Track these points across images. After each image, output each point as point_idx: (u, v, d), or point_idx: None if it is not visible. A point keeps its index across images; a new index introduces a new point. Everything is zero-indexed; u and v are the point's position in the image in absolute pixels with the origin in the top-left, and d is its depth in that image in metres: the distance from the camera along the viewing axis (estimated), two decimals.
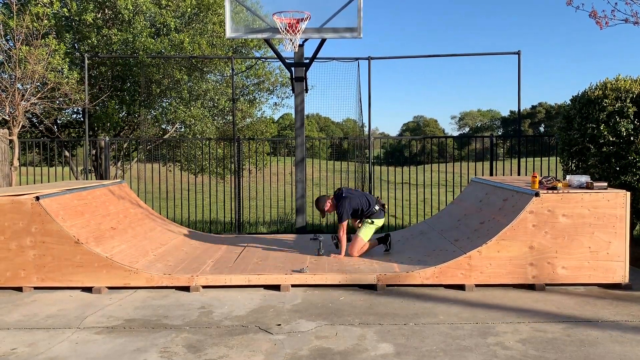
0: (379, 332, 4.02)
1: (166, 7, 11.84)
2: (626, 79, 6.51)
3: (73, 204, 5.66)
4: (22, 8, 10.07)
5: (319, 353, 3.64)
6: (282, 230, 9.25)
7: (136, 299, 4.93)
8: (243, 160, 9.52)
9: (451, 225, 6.47)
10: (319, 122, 68.94)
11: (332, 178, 10.95)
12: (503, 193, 5.81)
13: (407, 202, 11.33)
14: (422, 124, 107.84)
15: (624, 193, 5.06)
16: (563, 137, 6.96)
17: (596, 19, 6.13)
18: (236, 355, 3.63)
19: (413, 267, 5.34)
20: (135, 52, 10.91)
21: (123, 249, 5.68)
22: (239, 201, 8.74)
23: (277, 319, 4.36)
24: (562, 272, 5.07)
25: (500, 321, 4.25)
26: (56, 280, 5.16)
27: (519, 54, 8.41)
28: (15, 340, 3.95)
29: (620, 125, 6.15)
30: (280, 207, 12.79)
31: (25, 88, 8.42)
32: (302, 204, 7.96)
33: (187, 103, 12.53)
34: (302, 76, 7.79)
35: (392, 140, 13.26)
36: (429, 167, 10.90)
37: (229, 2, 7.15)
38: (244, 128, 15.23)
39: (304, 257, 5.99)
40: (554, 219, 5.05)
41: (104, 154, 9.16)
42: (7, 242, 5.15)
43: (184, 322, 4.30)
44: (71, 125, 14.16)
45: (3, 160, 7.55)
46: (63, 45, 10.08)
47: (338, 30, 7.17)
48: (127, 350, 3.72)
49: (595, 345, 3.74)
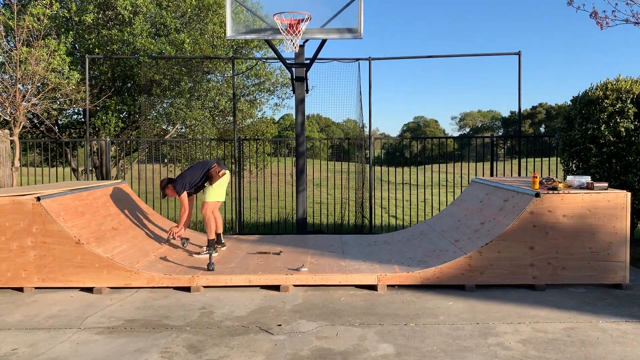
0: (379, 333, 4.03)
1: (166, 8, 11.85)
2: (627, 79, 6.51)
3: (74, 205, 5.67)
4: (22, 9, 10.08)
5: (320, 353, 3.65)
6: (283, 230, 9.26)
7: (137, 299, 4.93)
8: (244, 161, 9.52)
9: (451, 225, 6.47)
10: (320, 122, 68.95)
11: (333, 178, 10.94)
12: (503, 193, 5.81)
13: (408, 202, 11.33)
14: (423, 125, 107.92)
15: (625, 193, 5.06)
16: (564, 138, 6.96)
17: (597, 20, 6.14)
18: (237, 355, 3.63)
19: (413, 267, 5.34)
20: (136, 53, 10.92)
21: (124, 249, 5.69)
22: (239, 201, 8.75)
23: (278, 319, 4.36)
24: (562, 272, 5.07)
25: (500, 321, 4.25)
26: (57, 281, 5.17)
27: (520, 54, 8.41)
28: (16, 340, 3.95)
29: (621, 126, 6.16)
30: (280, 208, 12.79)
31: (26, 89, 8.42)
32: (303, 202, 7.97)
33: (188, 103, 12.54)
34: (302, 77, 7.79)
35: (393, 141, 13.27)
36: (429, 167, 10.91)
37: (230, 2, 7.16)
38: (245, 128, 15.24)
39: (305, 257, 6.00)
40: (554, 219, 5.05)
41: (104, 155, 9.16)
42: (8, 242, 5.15)
43: (184, 322, 4.31)
44: (72, 125, 14.17)
45: (4, 161, 7.56)
46: (63, 45, 10.09)
47: (339, 31, 7.17)
48: (128, 351, 3.73)
49: (595, 346, 3.74)
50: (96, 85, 12.15)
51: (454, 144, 13.68)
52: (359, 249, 6.43)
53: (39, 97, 8.62)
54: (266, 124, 16.20)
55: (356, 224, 8.95)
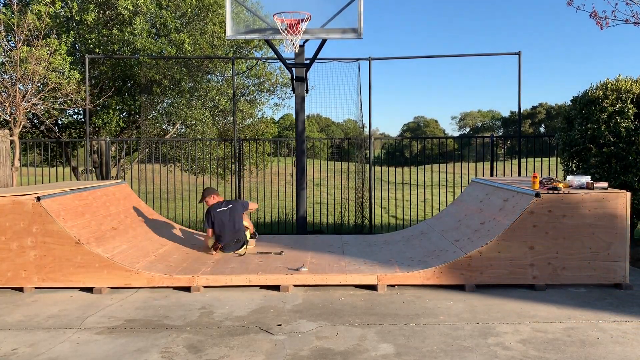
0: (379, 333, 4.03)
1: (166, 8, 11.85)
2: (627, 79, 6.52)
3: (74, 205, 5.67)
4: (23, 8, 10.08)
5: (320, 353, 3.65)
6: (283, 230, 9.26)
7: (137, 299, 4.93)
8: (244, 161, 9.52)
9: (452, 225, 6.48)
10: (320, 122, 68.95)
11: (333, 178, 10.95)
12: (503, 193, 5.81)
13: (407, 202, 11.33)
14: (423, 125, 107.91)
15: (625, 193, 5.06)
16: (564, 138, 6.96)
17: (597, 20, 6.13)
18: (237, 355, 3.63)
19: (414, 267, 5.34)
20: (136, 53, 10.92)
21: (124, 249, 5.69)
22: None
23: (278, 319, 4.36)
24: (562, 272, 5.07)
25: (500, 321, 4.25)
26: (57, 281, 5.17)
27: (519, 54, 8.42)
28: (17, 340, 3.96)
29: (621, 126, 6.16)
30: (280, 208, 12.79)
31: (26, 88, 8.43)
32: (304, 202, 7.97)
33: (188, 103, 12.55)
34: (302, 77, 7.79)
35: (393, 141, 13.28)
36: (429, 167, 10.91)
37: (230, 2, 7.16)
38: (245, 128, 15.24)
39: (305, 257, 6.00)
40: (554, 219, 5.05)
41: (104, 155, 9.16)
42: (8, 242, 5.15)
43: (184, 322, 4.31)
44: (72, 125, 14.18)
45: (4, 161, 7.56)
46: (64, 45, 10.09)
47: (339, 31, 7.17)
48: (128, 351, 3.73)
49: (595, 346, 3.74)
50: (96, 85, 12.15)
51: (454, 144, 13.68)
52: (359, 249, 6.43)
53: (39, 97, 8.62)
54: (266, 124, 16.21)
55: (356, 224, 8.95)
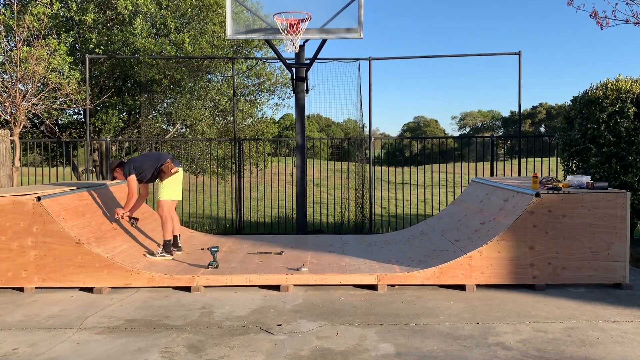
0: (379, 333, 4.03)
1: (166, 8, 11.85)
2: (627, 79, 6.52)
3: (74, 205, 5.67)
4: (22, 9, 10.08)
5: (320, 353, 3.65)
6: (283, 230, 9.26)
7: (137, 299, 4.94)
8: (244, 161, 9.53)
9: (452, 225, 6.48)
10: (320, 122, 68.95)
11: (333, 178, 10.96)
12: (503, 193, 5.82)
13: (408, 202, 11.34)
14: (423, 125, 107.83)
15: (625, 193, 5.06)
16: (564, 138, 6.96)
17: (597, 20, 6.14)
18: (237, 355, 3.63)
19: (414, 267, 5.34)
20: (136, 53, 10.92)
21: (124, 249, 5.69)
22: (239, 201, 8.75)
23: (278, 319, 4.36)
24: (562, 272, 5.07)
25: (500, 321, 4.26)
26: (57, 281, 5.17)
27: (520, 54, 8.42)
28: (17, 340, 3.96)
29: (621, 126, 6.16)
30: (280, 207, 12.79)
31: (27, 88, 8.43)
32: (304, 202, 7.97)
33: (188, 102, 12.55)
34: (302, 76, 7.79)
35: (393, 141, 13.28)
36: (429, 167, 10.91)
37: (230, 2, 7.16)
38: (245, 128, 15.24)
39: (305, 257, 6.00)
40: (554, 219, 5.05)
41: (105, 155, 9.17)
42: (8, 242, 5.16)
43: (185, 322, 4.31)
44: (72, 125, 14.18)
45: (4, 161, 7.56)
46: (64, 45, 10.09)
47: (339, 31, 7.17)
48: (128, 351, 3.73)
49: (595, 346, 3.75)
50: (96, 85, 12.15)
51: (454, 143, 13.69)
52: (359, 249, 6.43)
53: (39, 97, 8.62)
54: (266, 124, 16.20)
55: (356, 224, 8.96)
